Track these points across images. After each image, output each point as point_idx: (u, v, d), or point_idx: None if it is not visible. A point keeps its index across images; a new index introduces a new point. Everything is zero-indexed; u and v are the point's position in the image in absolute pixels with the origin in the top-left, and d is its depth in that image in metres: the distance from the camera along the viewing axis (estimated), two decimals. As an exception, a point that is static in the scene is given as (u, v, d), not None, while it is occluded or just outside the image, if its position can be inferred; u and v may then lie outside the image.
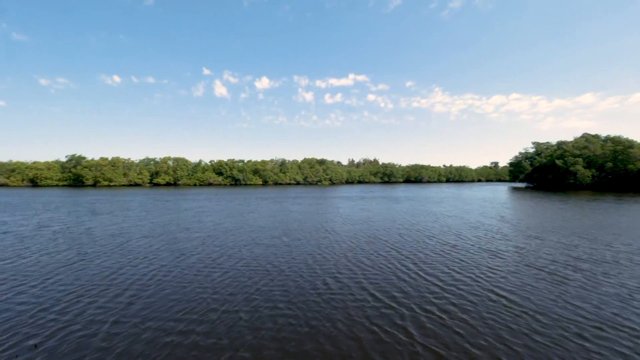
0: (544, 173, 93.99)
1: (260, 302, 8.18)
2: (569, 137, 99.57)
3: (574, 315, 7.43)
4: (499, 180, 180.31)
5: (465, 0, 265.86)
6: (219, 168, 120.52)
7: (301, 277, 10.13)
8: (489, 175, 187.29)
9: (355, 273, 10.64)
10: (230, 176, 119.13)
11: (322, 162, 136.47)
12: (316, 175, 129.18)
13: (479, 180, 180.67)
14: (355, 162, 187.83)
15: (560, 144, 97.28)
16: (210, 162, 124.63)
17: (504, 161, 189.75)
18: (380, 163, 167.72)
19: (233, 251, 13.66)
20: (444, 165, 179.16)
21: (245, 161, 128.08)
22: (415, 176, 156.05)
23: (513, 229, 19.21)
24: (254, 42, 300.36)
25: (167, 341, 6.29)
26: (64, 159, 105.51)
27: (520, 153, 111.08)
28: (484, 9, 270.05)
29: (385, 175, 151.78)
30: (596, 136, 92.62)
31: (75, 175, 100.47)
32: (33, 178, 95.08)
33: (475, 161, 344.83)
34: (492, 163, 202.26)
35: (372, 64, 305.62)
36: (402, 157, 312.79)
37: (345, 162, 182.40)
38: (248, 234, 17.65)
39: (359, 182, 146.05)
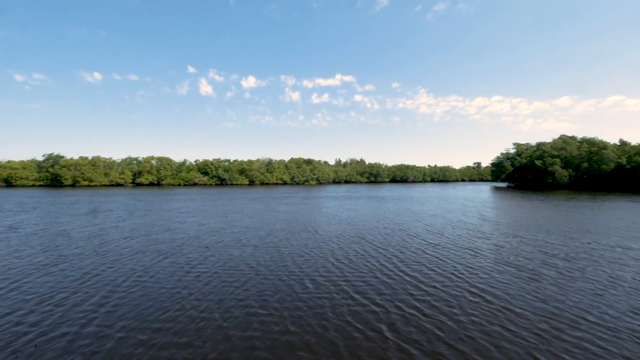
0: (524, 173, 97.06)
1: (236, 305, 8.14)
2: (547, 139, 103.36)
3: (548, 311, 7.75)
4: (482, 180, 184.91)
5: (449, 4, 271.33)
6: (204, 168, 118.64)
7: (280, 279, 10.11)
8: (472, 175, 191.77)
9: (336, 274, 10.74)
10: (215, 176, 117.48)
11: (309, 162, 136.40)
12: (303, 175, 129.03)
13: (463, 180, 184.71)
14: (342, 162, 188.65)
15: (539, 145, 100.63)
16: (196, 161, 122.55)
17: (486, 161, 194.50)
18: (367, 163, 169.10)
19: (214, 252, 13.53)
20: (429, 165, 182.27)
21: (231, 161, 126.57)
22: (401, 176, 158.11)
23: (492, 228, 19.79)
24: (240, 41, 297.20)
25: (134, 346, 6.20)
26: (40, 158, 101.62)
27: (501, 154, 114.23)
28: (467, 13, 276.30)
29: (372, 175, 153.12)
30: (573, 138, 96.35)
31: (53, 175, 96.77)
32: (7, 178, 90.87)
33: (458, 161, 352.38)
34: (475, 163, 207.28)
35: (358, 65, 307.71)
36: (388, 157, 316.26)
37: (332, 162, 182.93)
38: (231, 234, 17.51)
39: (346, 182, 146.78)
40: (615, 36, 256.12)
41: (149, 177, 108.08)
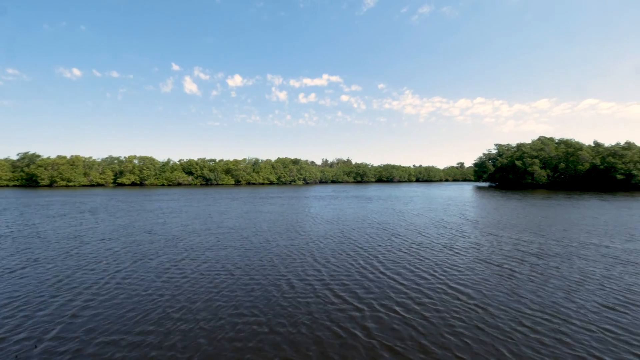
0: (505, 173, 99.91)
1: (220, 306, 8.06)
2: (527, 140, 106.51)
3: (522, 307, 7.99)
4: (465, 180, 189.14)
5: (434, 7, 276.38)
6: (188, 167, 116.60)
7: (260, 281, 10.03)
8: (456, 175, 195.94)
9: (317, 275, 10.76)
10: (200, 176, 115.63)
11: (295, 161, 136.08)
12: (290, 175, 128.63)
13: (446, 180, 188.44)
14: (329, 162, 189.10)
15: (519, 146, 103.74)
16: (180, 161, 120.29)
17: (469, 162, 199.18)
18: (353, 163, 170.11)
19: (197, 253, 13.33)
20: (414, 166, 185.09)
21: (216, 160, 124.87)
22: (387, 176, 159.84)
23: (472, 227, 20.28)
24: (226, 39, 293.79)
25: (114, 352, 6.05)
26: (15, 157, 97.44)
27: (484, 154, 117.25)
28: (451, 16, 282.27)
29: (358, 175, 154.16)
30: (551, 139, 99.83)
31: (29, 175, 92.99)
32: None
33: (442, 161, 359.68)
34: (458, 163, 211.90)
35: (345, 65, 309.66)
36: (374, 157, 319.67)
37: (319, 162, 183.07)
38: (214, 235, 17.28)
39: (333, 181, 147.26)
40: (590, 43, 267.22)
41: (131, 177, 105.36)
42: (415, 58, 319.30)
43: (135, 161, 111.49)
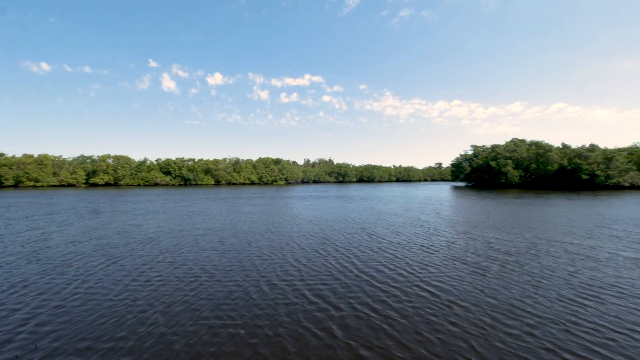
0: (481, 173, 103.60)
1: (197, 309, 7.90)
2: (501, 141, 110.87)
3: (493, 303, 8.34)
4: (442, 180, 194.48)
5: (413, 10, 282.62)
6: (166, 167, 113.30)
7: (236, 283, 9.91)
8: (434, 175, 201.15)
9: (294, 275, 10.77)
10: (179, 176, 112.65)
11: (277, 161, 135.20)
12: (271, 175, 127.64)
13: (425, 180, 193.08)
14: (310, 162, 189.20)
15: (494, 147, 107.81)
16: (157, 160, 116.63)
17: (446, 162, 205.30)
18: (335, 163, 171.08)
19: (168, 256, 12.98)
20: (394, 166, 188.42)
21: (196, 160, 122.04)
22: (368, 176, 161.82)
23: (446, 225, 20.92)
24: (206, 36, 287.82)
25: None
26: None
27: (460, 155, 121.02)
28: (430, 20, 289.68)
29: (340, 175, 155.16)
30: (523, 141, 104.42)
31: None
32: None
33: (421, 162, 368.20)
34: (436, 164, 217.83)
35: (327, 66, 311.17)
36: (355, 157, 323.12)
37: (301, 162, 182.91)
38: (189, 237, 16.90)
39: (315, 181, 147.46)
40: (558, 50, 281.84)
41: (104, 177, 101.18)
42: (395, 60, 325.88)
43: (110, 160, 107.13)
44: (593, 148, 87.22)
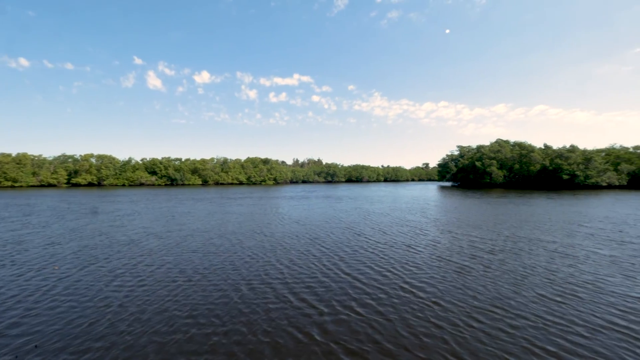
0: (467, 173, 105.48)
1: (174, 313, 7.69)
2: (486, 142, 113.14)
3: (474, 301, 8.42)
4: (429, 180, 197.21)
5: (401, 12, 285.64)
6: (152, 167, 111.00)
7: (217, 286, 9.70)
8: (421, 175, 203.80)
9: (282, 275, 10.67)
10: (165, 176, 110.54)
11: (266, 161, 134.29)
12: (260, 175, 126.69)
13: (413, 180, 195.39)
14: (299, 162, 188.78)
15: (479, 148, 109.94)
16: (142, 160, 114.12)
17: (433, 162, 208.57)
18: (324, 163, 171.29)
19: (154, 257, 12.67)
20: (383, 166, 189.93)
21: (182, 160, 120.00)
22: (357, 176, 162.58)
23: (431, 225, 21.16)
24: (193, 34, 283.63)
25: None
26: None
27: (447, 155, 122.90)
28: (417, 22, 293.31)
29: (329, 175, 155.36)
30: (507, 141, 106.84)
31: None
32: None
33: (409, 162, 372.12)
34: (423, 164, 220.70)
35: (316, 66, 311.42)
36: (344, 157, 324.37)
37: (289, 162, 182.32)
38: (176, 238, 16.55)
39: (304, 181, 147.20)
40: (541, 53, 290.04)
41: (87, 176, 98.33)
42: (383, 61, 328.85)
43: (93, 160, 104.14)
44: (573, 149, 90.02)
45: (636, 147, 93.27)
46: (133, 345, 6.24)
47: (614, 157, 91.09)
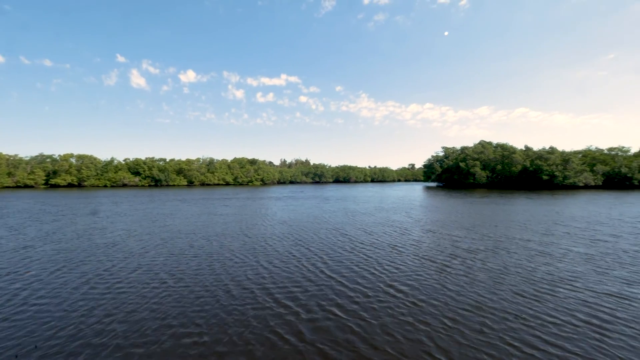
0: (451, 174, 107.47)
1: (144, 319, 7.40)
2: (470, 143, 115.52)
3: (451, 301, 8.47)
4: (415, 180, 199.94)
5: (388, 15, 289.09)
6: (135, 167, 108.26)
7: (204, 288, 9.49)
8: (407, 175, 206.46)
9: (263, 278, 10.48)
10: (149, 176, 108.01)
11: (253, 162, 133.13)
12: (247, 176, 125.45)
13: (399, 180, 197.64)
14: (287, 163, 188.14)
15: (463, 149, 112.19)
16: (125, 160, 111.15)
17: (419, 163, 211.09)
18: (312, 164, 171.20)
19: (129, 261, 12.25)
20: (370, 167, 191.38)
21: (167, 160, 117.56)
22: (344, 176, 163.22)
23: (415, 225, 21.38)
24: (178, 32, 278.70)
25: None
26: None
27: (432, 156, 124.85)
28: (403, 25, 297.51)
29: (316, 176, 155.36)
30: (489, 143, 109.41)
31: None
32: None
33: (396, 162, 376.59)
34: (409, 165, 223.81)
35: (304, 66, 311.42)
36: (332, 157, 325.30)
37: (277, 162, 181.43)
38: (155, 240, 16.10)
39: (291, 182, 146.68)
40: (522, 57, 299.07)
41: (67, 177, 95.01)
42: (370, 63, 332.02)
43: (73, 160, 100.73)
44: (552, 150, 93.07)
45: (610, 149, 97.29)
46: (118, 350, 5.97)
47: (590, 159, 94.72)
